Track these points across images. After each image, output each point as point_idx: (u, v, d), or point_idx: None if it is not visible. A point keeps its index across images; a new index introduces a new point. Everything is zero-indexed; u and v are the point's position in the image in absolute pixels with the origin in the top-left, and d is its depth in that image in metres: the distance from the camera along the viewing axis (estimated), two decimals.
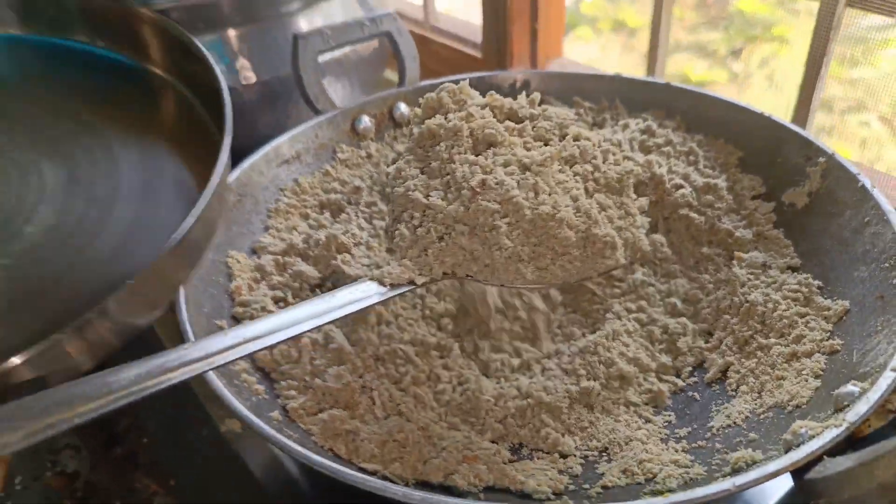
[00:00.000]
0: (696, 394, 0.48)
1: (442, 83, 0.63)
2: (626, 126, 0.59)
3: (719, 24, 1.32)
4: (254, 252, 0.54)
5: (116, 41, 0.55)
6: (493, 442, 0.45)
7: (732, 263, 0.53)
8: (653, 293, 0.54)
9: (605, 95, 0.63)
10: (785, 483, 0.45)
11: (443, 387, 0.49)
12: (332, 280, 0.50)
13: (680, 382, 0.49)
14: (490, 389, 0.49)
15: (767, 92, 1.29)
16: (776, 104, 1.22)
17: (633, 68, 1.46)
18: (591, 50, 1.42)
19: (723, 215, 0.54)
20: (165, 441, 0.63)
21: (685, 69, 1.27)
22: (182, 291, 0.43)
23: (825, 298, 0.46)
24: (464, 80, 0.63)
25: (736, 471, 0.36)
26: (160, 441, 0.64)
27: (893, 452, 0.28)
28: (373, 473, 0.39)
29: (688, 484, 0.38)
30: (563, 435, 0.45)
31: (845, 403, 0.35)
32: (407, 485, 0.40)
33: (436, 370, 0.50)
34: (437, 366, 0.50)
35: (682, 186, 0.55)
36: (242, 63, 0.66)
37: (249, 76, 0.67)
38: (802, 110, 0.64)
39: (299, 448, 0.35)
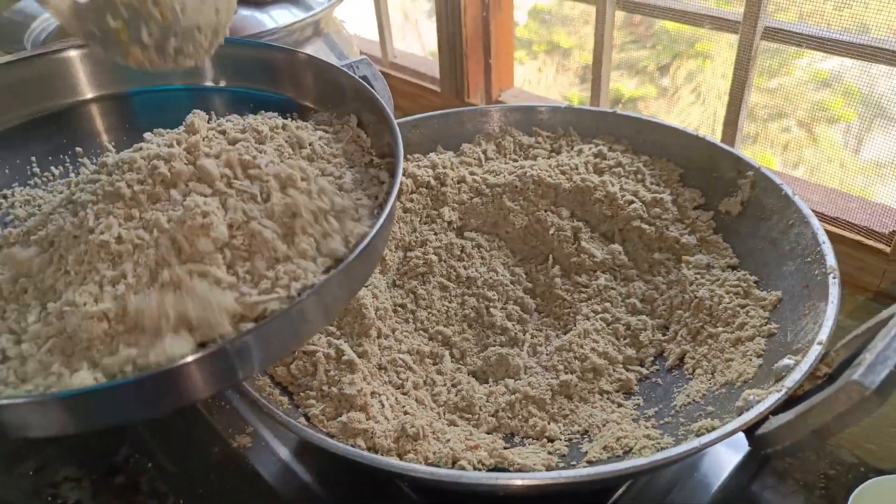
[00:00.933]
0: (658, 379, 0.55)
1: (415, 120, 0.71)
2: (580, 151, 0.67)
3: (647, 42, 1.41)
4: None
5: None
6: (488, 433, 0.52)
7: (681, 266, 0.60)
8: (615, 296, 0.61)
9: (560, 124, 0.71)
10: (736, 456, 0.53)
11: (439, 389, 0.55)
12: None
13: (644, 371, 0.56)
14: (481, 388, 0.55)
15: (694, 105, 1.39)
16: (703, 115, 1.32)
17: (569, 86, 1.55)
18: (527, 71, 1.50)
19: (669, 225, 0.62)
20: (173, 464, 0.67)
21: (618, 86, 1.36)
22: None
23: (761, 290, 0.54)
24: (433, 115, 0.70)
25: (699, 436, 0.43)
26: (167, 465, 0.68)
27: (820, 404, 0.35)
28: None
29: (660, 451, 0.45)
30: (548, 422, 0.52)
31: (783, 374, 0.43)
32: None
33: (431, 375, 0.57)
34: (432, 371, 0.57)
35: (633, 202, 0.63)
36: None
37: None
38: (730, 130, 0.73)
39: (343, 445, 0.41)
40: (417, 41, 1.51)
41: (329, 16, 0.81)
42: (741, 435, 0.45)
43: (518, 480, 0.37)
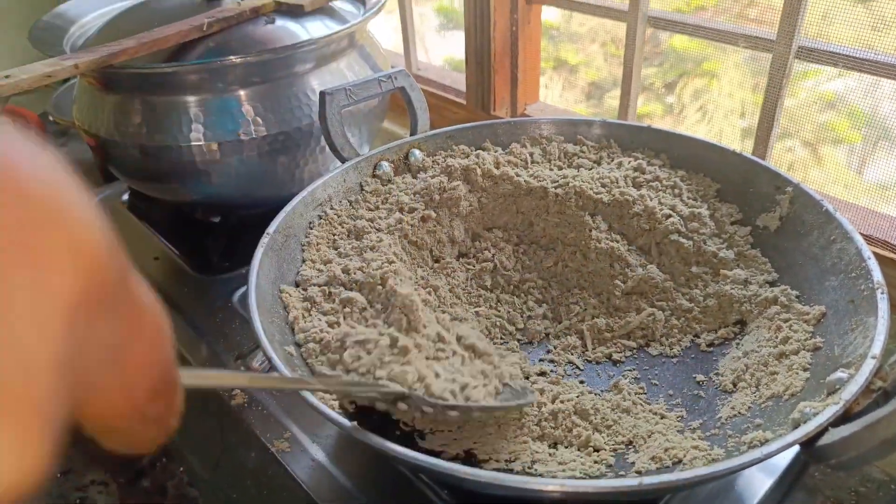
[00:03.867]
0: (700, 392, 0.56)
1: (450, 131, 0.71)
2: (620, 164, 0.68)
3: (654, 60, 1.43)
4: (297, 285, 0.59)
5: None
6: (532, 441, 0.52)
7: (718, 279, 0.61)
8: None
9: (593, 138, 0.72)
10: (769, 478, 0.54)
11: None
12: (382, 301, 0.57)
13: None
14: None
15: (700, 123, 1.40)
16: (709, 133, 1.33)
17: (575, 102, 1.56)
18: None
19: (707, 239, 0.63)
20: (205, 470, 0.67)
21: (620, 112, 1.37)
22: (260, 326, 0.49)
23: (803, 305, 0.55)
24: (468, 127, 0.71)
25: (753, 447, 0.44)
26: (199, 471, 0.68)
27: (890, 415, 0.36)
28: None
29: (712, 463, 0.46)
30: (592, 433, 0.52)
31: (837, 387, 0.43)
32: None
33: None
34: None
35: (670, 216, 0.63)
36: (258, 118, 0.72)
37: (264, 129, 0.73)
38: (760, 146, 0.74)
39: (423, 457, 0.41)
40: (425, 56, 1.52)
41: (363, 28, 0.82)
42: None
43: (588, 488, 0.37)
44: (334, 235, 0.64)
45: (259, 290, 0.53)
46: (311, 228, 0.63)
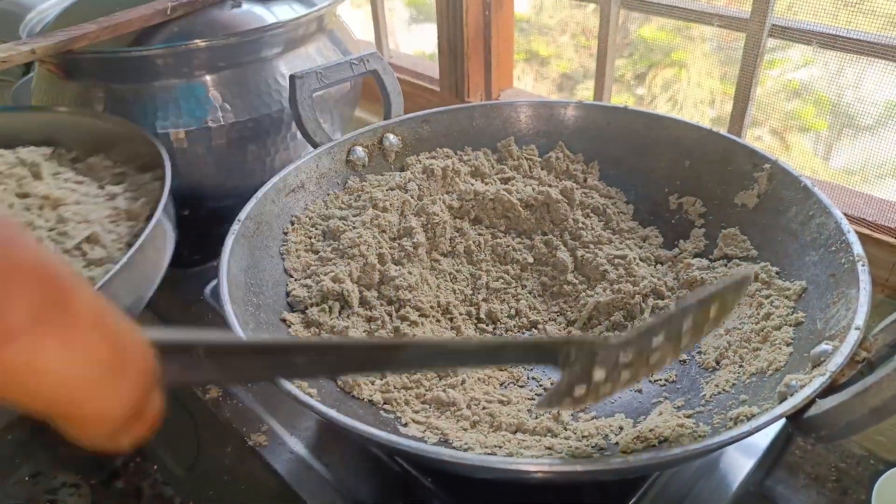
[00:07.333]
0: (684, 371, 0.55)
1: (425, 115, 0.70)
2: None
3: (623, 52, 1.43)
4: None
5: None
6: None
7: (692, 262, 0.61)
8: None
9: (570, 120, 0.71)
10: (751, 458, 0.53)
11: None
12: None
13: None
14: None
15: (671, 113, 1.41)
16: None
17: (547, 94, 1.55)
18: None
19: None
20: (180, 467, 0.65)
21: (592, 95, 1.37)
22: (232, 313, 0.47)
23: (783, 281, 0.55)
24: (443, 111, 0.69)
25: (740, 422, 0.43)
26: (174, 468, 0.66)
27: (878, 383, 0.35)
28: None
29: (698, 440, 0.45)
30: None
31: (822, 359, 0.43)
32: None
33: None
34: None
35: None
36: (226, 104, 0.70)
37: (232, 116, 0.71)
38: (736, 125, 0.74)
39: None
40: (395, 49, 1.51)
41: (332, 12, 0.81)
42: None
43: (576, 467, 0.37)
44: (311, 238, 0.62)
45: (231, 277, 0.52)
46: (286, 234, 0.61)
